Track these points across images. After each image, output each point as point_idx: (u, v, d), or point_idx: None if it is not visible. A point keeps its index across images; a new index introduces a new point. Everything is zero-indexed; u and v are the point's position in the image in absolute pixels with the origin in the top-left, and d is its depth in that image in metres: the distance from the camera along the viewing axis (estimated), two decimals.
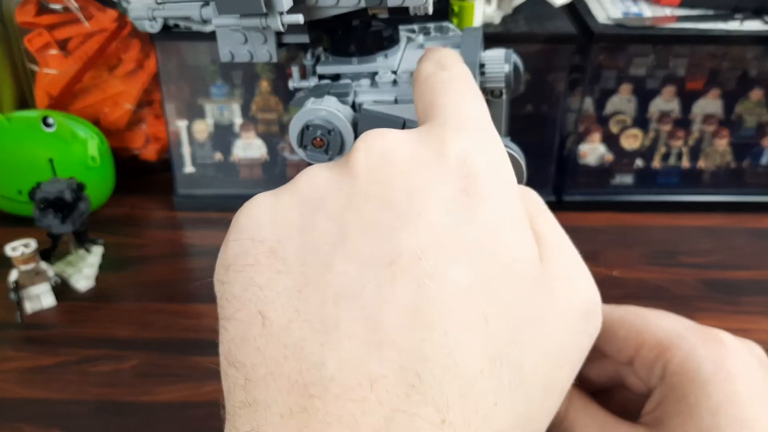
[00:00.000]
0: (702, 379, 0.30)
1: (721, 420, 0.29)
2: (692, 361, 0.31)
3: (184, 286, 0.61)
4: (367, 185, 0.21)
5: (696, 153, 0.72)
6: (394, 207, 0.21)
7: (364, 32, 0.33)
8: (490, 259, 0.21)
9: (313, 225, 0.21)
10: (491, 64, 0.33)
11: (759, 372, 0.31)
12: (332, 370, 0.18)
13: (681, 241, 0.67)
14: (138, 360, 0.52)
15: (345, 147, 0.32)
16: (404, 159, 0.22)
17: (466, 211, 0.21)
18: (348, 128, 0.32)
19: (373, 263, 0.20)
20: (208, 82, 0.69)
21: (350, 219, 0.21)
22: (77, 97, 0.73)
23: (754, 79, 0.69)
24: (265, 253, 0.21)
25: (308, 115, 0.32)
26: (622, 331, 0.34)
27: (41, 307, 0.57)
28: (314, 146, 0.32)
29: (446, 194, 0.21)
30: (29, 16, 0.69)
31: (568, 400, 0.34)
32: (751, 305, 0.58)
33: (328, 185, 0.22)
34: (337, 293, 0.19)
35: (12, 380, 0.50)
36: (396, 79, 0.33)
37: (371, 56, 0.33)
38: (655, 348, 0.33)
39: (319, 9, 0.30)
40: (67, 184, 0.57)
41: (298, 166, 0.72)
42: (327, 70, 0.34)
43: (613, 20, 0.66)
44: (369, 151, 0.22)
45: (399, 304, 0.19)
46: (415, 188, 0.21)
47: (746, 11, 0.67)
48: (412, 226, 0.20)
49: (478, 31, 0.36)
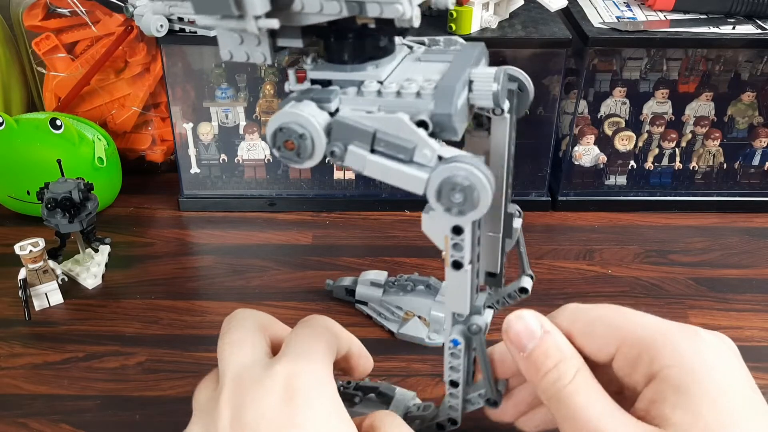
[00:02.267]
0: (693, 369, 0.31)
1: (721, 407, 0.31)
2: (681, 354, 0.32)
3: (190, 284, 0.62)
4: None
5: (688, 154, 0.73)
6: None
7: (354, 40, 0.33)
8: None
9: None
10: (479, 82, 0.33)
11: (733, 360, 0.33)
12: None
13: (674, 240, 0.68)
14: (144, 356, 0.53)
15: (315, 152, 0.32)
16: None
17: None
18: (320, 134, 0.32)
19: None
20: (213, 85, 0.70)
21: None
22: (85, 99, 0.74)
23: (746, 82, 0.70)
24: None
25: (282, 118, 0.32)
26: (601, 328, 0.35)
27: (49, 305, 0.58)
28: (286, 149, 0.32)
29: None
30: (37, 20, 0.70)
31: (571, 366, 0.34)
32: (742, 303, 0.59)
33: None
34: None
35: (20, 376, 0.51)
36: (380, 89, 0.32)
37: (361, 65, 0.33)
38: (636, 344, 0.33)
39: (304, 15, 0.30)
40: (75, 184, 0.58)
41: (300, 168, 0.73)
42: (319, 75, 0.34)
43: (607, 24, 0.66)
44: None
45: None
46: None
47: (738, 15, 0.68)
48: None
49: (475, 48, 0.36)
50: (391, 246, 0.67)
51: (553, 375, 0.34)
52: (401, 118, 0.31)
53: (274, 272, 0.63)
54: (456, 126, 0.31)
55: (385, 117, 0.31)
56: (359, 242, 0.68)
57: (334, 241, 0.68)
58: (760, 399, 0.32)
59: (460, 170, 0.30)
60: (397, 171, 0.32)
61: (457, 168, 0.30)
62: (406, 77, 0.33)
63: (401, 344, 0.54)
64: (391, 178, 0.32)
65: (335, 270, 0.63)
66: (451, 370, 0.39)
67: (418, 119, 0.31)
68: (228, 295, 0.60)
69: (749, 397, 0.32)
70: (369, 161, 0.32)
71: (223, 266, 0.64)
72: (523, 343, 0.35)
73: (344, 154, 0.32)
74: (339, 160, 0.32)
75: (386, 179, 0.32)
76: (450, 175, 0.31)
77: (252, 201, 0.73)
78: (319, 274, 0.62)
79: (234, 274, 0.63)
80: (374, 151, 0.32)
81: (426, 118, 0.31)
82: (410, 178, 0.32)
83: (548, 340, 0.35)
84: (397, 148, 0.32)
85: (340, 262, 0.64)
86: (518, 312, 0.36)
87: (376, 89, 0.32)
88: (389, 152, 0.32)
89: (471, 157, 0.31)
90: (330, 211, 0.73)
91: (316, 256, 0.65)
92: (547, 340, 0.35)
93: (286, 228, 0.70)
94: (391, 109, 0.32)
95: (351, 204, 0.73)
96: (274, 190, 0.74)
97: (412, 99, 0.32)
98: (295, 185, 0.74)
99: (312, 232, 0.69)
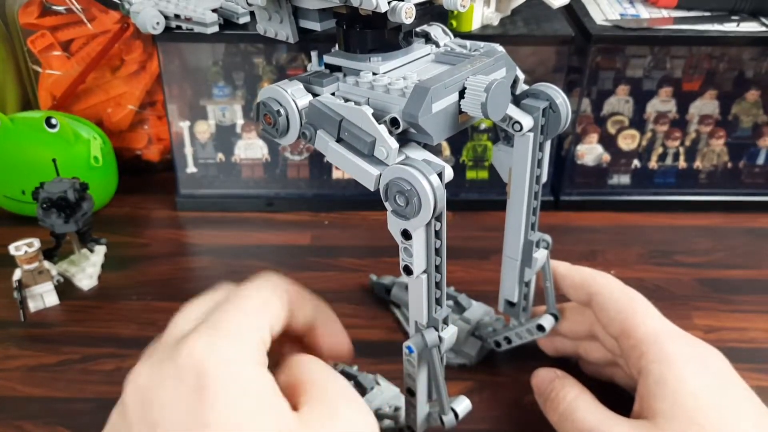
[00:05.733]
0: (671, 363, 0.37)
1: (700, 402, 0.35)
2: (666, 352, 0.38)
3: (186, 285, 0.61)
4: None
5: (692, 153, 0.72)
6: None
7: (359, 31, 0.34)
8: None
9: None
10: (471, 89, 0.32)
11: (717, 363, 0.39)
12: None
13: (678, 240, 0.67)
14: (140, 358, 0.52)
15: (290, 130, 0.33)
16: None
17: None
18: (294, 113, 0.33)
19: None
20: (210, 83, 0.69)
21: None
22: (80, 98, 0.73)
23: (751, 80, 0.69)
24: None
25: (266, 93, 0.33)
26: (612, 312, 0.41)
27: (44, 306, 0.58)
28: (266, 122, 0.33)
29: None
30: (32, 18, 0.69)
31: (571, 392, 0.41)
32: (747, 304, 0.58)
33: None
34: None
35: (15, 378, 0.50)
36: (372, 82, 0.32)
37: (365, 56, 0.34)
38: (635, 342, 0.39)
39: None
40: (70, 183, 0.57)
41: (298, 167, 0.72)
42: (332, 60, 0.35)
43: (610, 22, 0.66)
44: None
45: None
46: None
47: (743, 13, 0.68)
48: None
49: (494, 54, 0.35)
50: (391, 246, 0.65)
51: (557, 401, 0.41)
52: (364, 110, 0.31)
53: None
54: (427, 128, 0.31)
55: (351, 107, 0.32)
56: (358, 243, 0.67)
57: (333, 242, 0.67)
58: (743, 399, 0.37)
59: (406, 173, 0.30)
60: (352, 163, 0.32)
61: (404, 171, 0.30)
62: (403, 74, 0.33)
63: None
64: (347, 169, 0.32)
65: (334, 271, 0.62)
66: (408, 378, 0.38)
67: (391, 116, 0.31)
68: None
69: (730, 395, 0.36)
70: (330, 148, 0.33)
71: (220, 267, 0.63)
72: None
73: (314, 137, 0.33)
74: (310, 142, 0.33)
75: (344, 169, 0.33)
76: (396, 176, 0.30)
77: (250, 201, 0.72)
78: (318, 275, 0.62)
79: (231, 275, 0.62)
80: (341, 140, 0.33)
81: (397, 115, 0.31)
82: (362, 172, 0.32)
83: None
84: (358, 140, 0.32)
85: (339, 263, 0.64)
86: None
87: (369, 80, 0.33)
88: (352, 143, 0.32)
89: (428, 164, 0.30)
90: (329, 211, 0.72)
91: (314, 256, 0.65)
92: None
93: (285, 228, 0.69)
94: (377, 101, 0.32)
95: (350, 204, 0.72)
96: (272, 189, 0.73)
97: (396, 96, 0.32)
98: (294, 185, 0.73)
99: (311, 232, 0.69)
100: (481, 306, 0.53)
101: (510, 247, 0.43)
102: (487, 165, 0.72)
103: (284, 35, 0.34)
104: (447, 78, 0.32)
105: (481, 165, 0.72)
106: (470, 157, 0.71)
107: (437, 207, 0.30)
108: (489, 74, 0.34)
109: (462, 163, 0.72)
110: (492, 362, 0.51)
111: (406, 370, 0.38)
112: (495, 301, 0.47)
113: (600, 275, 0.45)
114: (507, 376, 0.50)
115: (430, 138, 0.31)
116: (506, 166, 0.40)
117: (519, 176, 0.39)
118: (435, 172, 0.30)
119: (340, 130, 0.32)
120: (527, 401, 0.47)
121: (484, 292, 0.53)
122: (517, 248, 0.42)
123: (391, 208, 0.32)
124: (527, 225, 0.42)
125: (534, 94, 0.38)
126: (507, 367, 0.51)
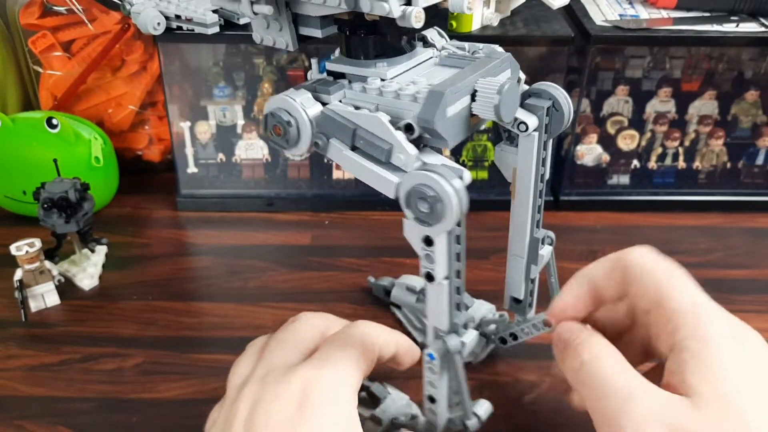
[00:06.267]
0: (714, 345, 0.33)
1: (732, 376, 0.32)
2: (703, 328, 0.34)
3: (187, 285, 0.61)
4: None
5: (692, 153, 0.72)
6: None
7: (363, 36, 0.33)
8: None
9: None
10: (482, 92, 0.32)
11: (756, 344, 0.35)
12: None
13: (677, 240, 0.67)
14: (141, 357, 0.52)
15: (301, 141, 0.33)
16: None
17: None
18: (305, 123, 0.32)
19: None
20: (211, 83, 0.69)
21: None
22: (81, 98, 0.73)
23: (750, 81, 0.69)
24: None
25: (274, 103, 0.32)
26: (648, 282, 0.38)
27: (45, 306, 0.58)
28: (275, 134, 0.33)
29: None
30: (33, 18, 0.69)
31: (598, 343, 0.37)
32: (746, 304, 0.58)
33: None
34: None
35: (16, 378, 0.50)
36: (381, 88, 0.32)
37: (371, 61, 0.33)
38: (667, 315, 0.36)
39: (306, 5, 0.31)
40: (71, 184, 0.57)
41: (299, 167, 0.72)
42: (335, 67, 0.34)
43: (609, 22, 0.66)
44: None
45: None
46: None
47: (742, 13, 0.68)
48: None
49: (498, 56, 0.35)
50: (391, 246, 0.66)
51: (581, 348, 0.36)
52: (380, 117, 0.31)
53: (272, 273, 0.62)
54: (442, 133, 0.31)
55: (366, 115, 0.31)
56: (359, 243, 0.67)
57: (334, 242, 0.67)
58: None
59: (428, 179, 0.30)
60: (370, 171, 0.31)
61: (427, 177, 0.30)
62: (412, 79, 0.33)
63: None
64: (364, 177, 0.32)
65: (334, 271, 0.62)
66: (429, 385, 0.38)
67: (406, 122, 0.31)
68: (226, 297, 0.59)
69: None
70: (345, 157, 0.32)
71: (221, 267, 0.63)
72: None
73: (327, 146, 0.32)
74: (323, 151, 0.33)
75: (361, 177, 0.32)
76: (418, 183, 0.30)
77: (250, 201, 0.72)
78: (318, 275, 0.62)
79: (232, 275, 0.62)
80: (355, 148, 0.32)
81: (412, 121, 0.31)
82: (381, 180, 0.31)
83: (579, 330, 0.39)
84: (375, 148, 0.31)
85: (340, 263, 0.64)
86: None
87: (377, 86, 0.32)
88: (368, 150, 0.32)
89: (449, 168, 0.30)
90: (329, 211, 0.72)
91: (315, 256, 0.65)
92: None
93: (285, 228, 0.70)
94: (388, 108, 0.32)
95: (350, 204, 0.72)
96: (272, 190, 0.73)
97: (407, 101, 0.31)
98: (294, 185, 0.73)
99: (311, 232, 0.69)
100: (483, 303, 0.53)
101: (516, 245, 0.43)
102: (487, 165, 0.72)
103: (283, 43, 0.33)
104: (459, 81, 0.31)
105: (481, 165, 0.72)
106: (470, 157, 0.72)
107: (461, 211, 0.30)
108: (497, 76, 0.34)
109: (462, 163, 0.72)
110: (492, 362, 0.51)
111: (428, 377, 0.37)
112: (495, 301, 0.47)
113: (630, 250, 0.41)
114: (507, 376, 0.50)
115: (445, 142, 0.31)
116: (510, 166, 0.40)
117: (524, 176, 0.40)
118: (457, 176, 0.30)
119: (354, 138, 0.32)
120: (527, 401, 0.48)
121: (484, 292, 0.53)
122: (523, 246, 0.43)
123: (413, 215, 0.31)
124: (533, 223, 0.42)
125: (537, 93, 0.38)
126: (507, 367, 0.51)
